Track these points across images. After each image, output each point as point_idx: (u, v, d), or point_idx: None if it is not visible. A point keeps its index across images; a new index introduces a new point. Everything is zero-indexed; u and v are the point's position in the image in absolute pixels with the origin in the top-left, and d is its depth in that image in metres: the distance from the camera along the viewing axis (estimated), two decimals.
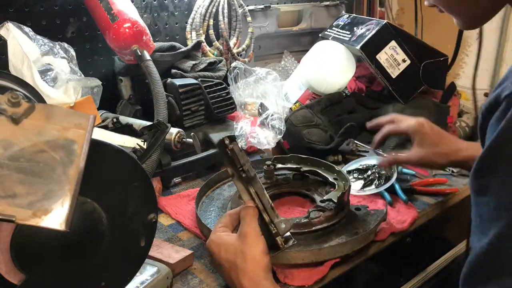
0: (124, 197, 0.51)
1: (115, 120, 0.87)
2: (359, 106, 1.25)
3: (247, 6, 1.42)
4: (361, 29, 1.24)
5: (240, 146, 0.68)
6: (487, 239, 0.45)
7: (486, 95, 1.57)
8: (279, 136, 1.09)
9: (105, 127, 0.81)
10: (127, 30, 0.99)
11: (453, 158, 0.85)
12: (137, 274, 0.56)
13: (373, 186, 0.96)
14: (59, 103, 0.89)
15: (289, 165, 0.98)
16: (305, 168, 0.96)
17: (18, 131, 0.40)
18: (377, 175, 0.98)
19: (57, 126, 0.42)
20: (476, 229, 0.48)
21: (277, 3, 1.57)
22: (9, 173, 0.38)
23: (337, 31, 1.35)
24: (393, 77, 1.20)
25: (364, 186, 0.97)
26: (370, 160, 1.05)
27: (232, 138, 0.68)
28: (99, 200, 0.48)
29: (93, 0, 1.06)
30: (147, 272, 0.66)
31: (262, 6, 1.47)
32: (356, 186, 0.98)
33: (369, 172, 1.00)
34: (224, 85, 1.18)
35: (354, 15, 1.39)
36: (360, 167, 1.03)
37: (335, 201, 0.80)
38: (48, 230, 0.37)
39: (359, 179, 1.00)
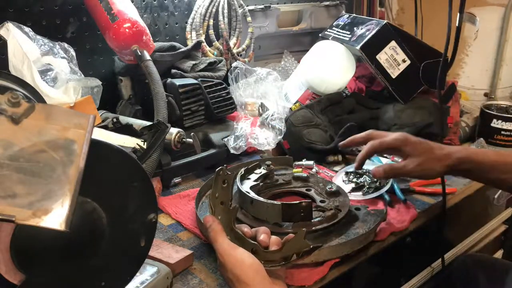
0: (124, 197, 0.51)
1: (115, 120, 0.87)
2: (359, 106, 1.25)
3: (247, 6, 1.42)
4: (361, 29, 1.24)
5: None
6: None
7: (486, 95, 1.57)
8: (280, 137, 1.09)
9: (105, 127, 0.81)
10: (127, 30, 0.99)
11: (448, 162, 0.82)
12: (137, 274, 0.56)
13: (360, 193, 0.95)
14: (59, 103, 0.88)
15: None
16: None
17: (18, 131, 0.40)
18: (369, 181, 0.97)
19: (57, 126, 0.42)
20: None
21: (277, 3, 1.57)
22: (9, 173, 0.38)
23: (337, 31, 1.34)
24: (393, 77, 1.19)
25: (353, 190, 0.96)
26: (371, 163, 1.05)
27: None
28: (99, 200, 0.48)
29: (93, 0, 1.06)
30: (147, 272, 0.66)
31: (262, 6, 1.47)
32: (347, 188, 0.97)
33: (364, 177, 0.99)
34: (224, 85, 1.18)
35: (354, 15, 1.39)
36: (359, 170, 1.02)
37: None
38: (48, 230, 0.37)
39: (352, 182, 0.99)
